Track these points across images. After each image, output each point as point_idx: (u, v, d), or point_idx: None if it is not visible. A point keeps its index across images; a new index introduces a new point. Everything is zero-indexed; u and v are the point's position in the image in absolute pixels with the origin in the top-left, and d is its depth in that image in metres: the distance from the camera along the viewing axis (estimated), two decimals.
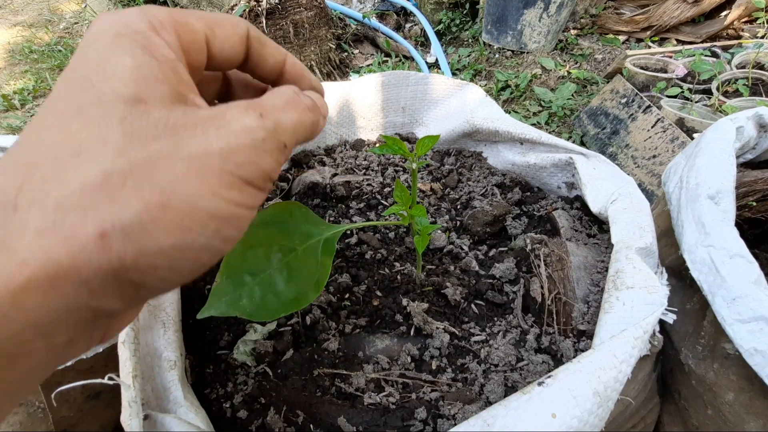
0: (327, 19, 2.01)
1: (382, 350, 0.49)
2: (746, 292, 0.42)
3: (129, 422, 0.34)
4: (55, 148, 0.18)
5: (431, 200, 0.72)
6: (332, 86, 0.82)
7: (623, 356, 0.36)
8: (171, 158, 0.19)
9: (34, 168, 0.18)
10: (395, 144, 0.42)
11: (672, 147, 1.21)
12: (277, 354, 0.50)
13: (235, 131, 0.20)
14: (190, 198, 0.19)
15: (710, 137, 0.57)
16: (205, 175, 0.19)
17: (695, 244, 0.48)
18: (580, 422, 0.33)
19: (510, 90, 1.87)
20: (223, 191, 0.20)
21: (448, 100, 0.85)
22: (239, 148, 0.20)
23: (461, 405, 0.41)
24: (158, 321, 0.46)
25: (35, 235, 0.16)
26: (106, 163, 0.18)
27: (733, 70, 1.44)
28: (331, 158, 0.80)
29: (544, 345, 0.47)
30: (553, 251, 0.52)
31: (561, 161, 0.67)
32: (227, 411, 0.44)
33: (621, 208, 0.53)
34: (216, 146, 0.20)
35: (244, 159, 0.20)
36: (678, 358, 0.53)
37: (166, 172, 0.18)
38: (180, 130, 0.19)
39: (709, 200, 0.49)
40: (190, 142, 0.19)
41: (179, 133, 0.19)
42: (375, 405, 0.43)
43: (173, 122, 0.19)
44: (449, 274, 0.57)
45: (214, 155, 0.19)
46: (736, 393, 0.45)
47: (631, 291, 0.42)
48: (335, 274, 0.58)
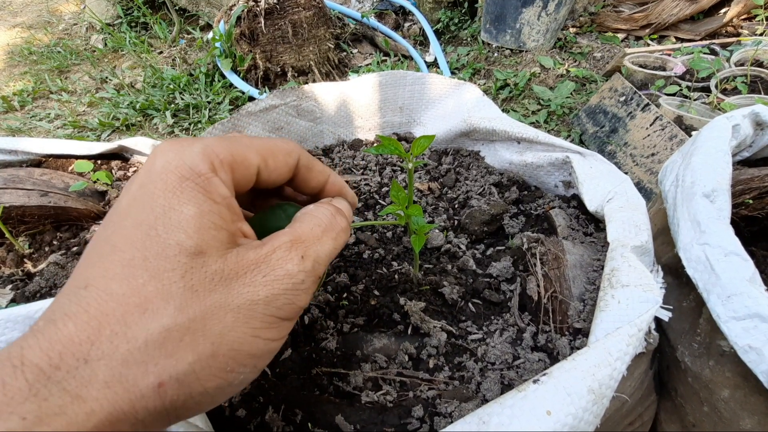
0: (325, 18, 2.01)
1: (379, 349, 0.49)
2: (741, 290, 0.42)
3: None
4: (124, 303, 0.20)
5: (429, 199, 0.72)
6: (330, 86, 0.82)
7: (618, 354, 0.37)
8: (223, 310, 0.21)
9: (105, 322, 0.19)
10: (391, 144, 0.42)
11: (670, 145, 1.22)
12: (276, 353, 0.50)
13: (279, 278, 0.23)
14: (235, 344, 0.22)
15: (706, 135, 0.57)
16: (250, 321, 0.22)
17: (691, 242, 0.48)
18: (575, 419, 0.33)
19: (509, 89, 1.87)
20: (263, 333, 0.23)
21: (445, 99, 0.85)
22: (280, 293, 0.23)
23: (458, 403, 0.41)
24: None
25: (103, 386, 0.19)
26: (167, 320, 0.20)
27: (732, 68, 1.44)
28: (329, 158, 0.80)
29: (540, 343, 0.47)
30: (550, 250, 0.53)
31: (558, 160, 0.67)
32: (226, 410, 0.44)
33: (617, 207, 0.53)
34: (262, 295, 0.22)
35: (284, 302, 0.23)
36: (674, 355, 0.53)
37: (217, 324, 0.21)
38: (232, 281, 0.22)
39: (704, 198, 0.50)
40: (240, 292, 0.22)
41: (231, 284, 0.22)
42: (373, 403, 0.43)
43: (227, 273, 0.22)
44: (446, 273, 0.57)
45: (259, 303, 0.22)
46: (732, 390, 0.46)
47: (626, 289, 0.42)
48: (333, 274, 0.58)
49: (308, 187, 0.33)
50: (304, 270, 0.24)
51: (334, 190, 0.34)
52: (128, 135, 1.77)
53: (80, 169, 0.78)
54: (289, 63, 1.92)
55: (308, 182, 0.32)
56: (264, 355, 0.23)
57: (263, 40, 1.84)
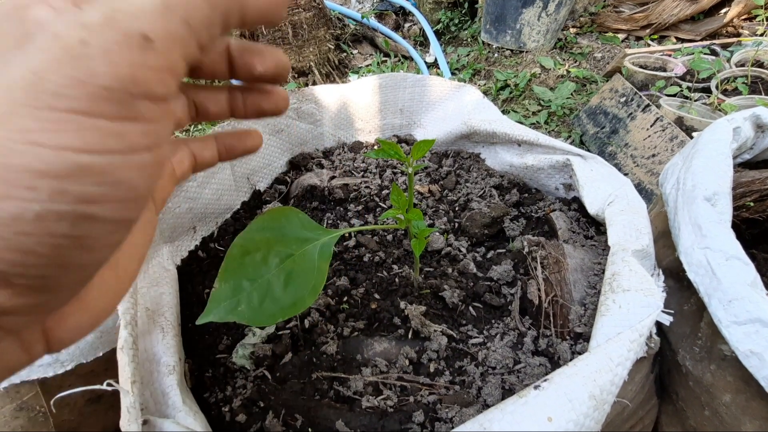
0: (326, 19, 2.01)
1: (380, 353, 0.49)
2: (742, 295, 0.42)
3: (128, 427, 0.34)
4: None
5: (429, 202, 0.72)
6: (330, 89, 0.82)
7: (619, 359, 0.37)
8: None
9: None
10: (391, 148, 0.42)
11: (671, 146, 1.21)
12: (276, 358, 0.50)
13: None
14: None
15: (707, 138, 0.57)
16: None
17: (692, 246, 0.48)
18: (576, 425, 0.33)
19: (509, 89, 1.87)
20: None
21: (445, 101, 0.85)
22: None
23: (458, 408, 0.41)
24: (157, 326, 0.46)
25: None
26: None
27: (733, 68, 1.43)
28: (329, 161, 0.80)
29: (541, 347, 0.47)
30: (550, 253, 0.53)
31: (558, 163, 0.67)
32: (226, 415, 0.44)
33: (618, 210, 0.53)
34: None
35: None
36: (675, 359, 0.53)
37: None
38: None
39: (705, 202, 0.50)
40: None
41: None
42: (373, 408, 0.43)
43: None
44: (447, 276, 0.57)
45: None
46: (733, 394, 0.46)
47: (627, 293, 0.42)
48: (333, 278, 0.58)
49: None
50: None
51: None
52: None
53: None
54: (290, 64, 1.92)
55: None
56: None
57: (263, 40, 1.84)
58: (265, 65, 0.26)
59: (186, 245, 0.63)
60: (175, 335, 0.46)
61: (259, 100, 0.29)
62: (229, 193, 0.70)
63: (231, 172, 0.70)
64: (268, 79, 0.27)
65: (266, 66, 0.26)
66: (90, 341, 0.53)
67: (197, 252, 0.64)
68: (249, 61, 0.26)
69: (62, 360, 0.52)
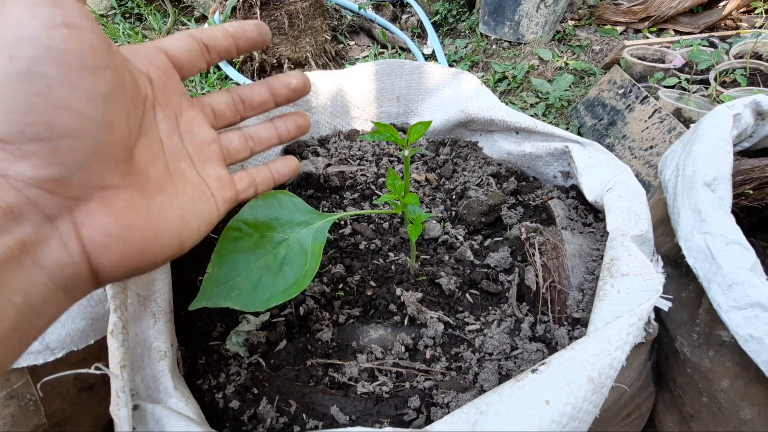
0: (322, 9, 1.98)
1: (375, 340, 0.49)
2: (742, 279, 0.41)
3: (118, 412, 0.33)
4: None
5: (426, 190, 0.71)
6: (326, 75, 0.81)
7: (618, 343, 0.36)
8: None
9: None
10: (387, 130, 0.41)
11: (669, 137, 1.21)
12: (270, 345, 0.49)
13: None
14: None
15: (707, 124, 0.56)
16: None
17: (691, 231, 0.47)
18: (574, 409, 0.33)
19: (507, 81, 1.86)
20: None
21: (442, 89, 0.84)
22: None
23: (455, 393, 0.41)
24: (148, 312, 0.45)
25: None
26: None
27: (731, 60, 1.43)
28: (325, 148, 0.79)
29: (538, 333, 0.47)
30: (548, 240, 0.52)
31: (557, 150, 0.67)
32: (219, 401, 0.44)
33: (617, 196, 0.52)
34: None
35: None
36: (673, 346, 0.53)
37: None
38: None
39: (705, 187, 0.49)
40: None
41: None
42: (368, 394, 0.43)
43: None
44: (444, 263, 0.56)
45: None
46: (731, 380, 0.45)
47: (626, 278, 0.41)
48: (329, 265, 0.57)
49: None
50: None
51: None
52: None
53: None
54: (286, 55, 1.90)
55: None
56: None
57: None
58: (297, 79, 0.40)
59: None
60: (167, 321, 0.45)
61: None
62: None
63: None
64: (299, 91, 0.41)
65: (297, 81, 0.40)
66: (81, 328, 0.53)
67: None
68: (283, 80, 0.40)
69: (53, 347, 0.52)
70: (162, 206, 0.30)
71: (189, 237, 0.32)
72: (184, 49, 0.34)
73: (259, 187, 0.41)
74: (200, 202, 0.34)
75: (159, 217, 0.29)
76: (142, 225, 0.28)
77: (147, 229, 0.28)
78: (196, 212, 0.33)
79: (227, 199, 0.37)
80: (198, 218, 0.33)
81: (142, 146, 0.30)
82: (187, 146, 0.35)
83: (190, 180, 0.34)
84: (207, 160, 0.36)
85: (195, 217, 0.33)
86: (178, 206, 0.31)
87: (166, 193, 0.31)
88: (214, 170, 0.36)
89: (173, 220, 0.30)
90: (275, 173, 0.43)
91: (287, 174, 0.44)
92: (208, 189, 0.35)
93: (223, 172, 0.37)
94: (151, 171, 0.30)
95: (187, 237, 0.32)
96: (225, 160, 0.39)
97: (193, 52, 0.35)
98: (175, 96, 0.34)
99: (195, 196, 0.33)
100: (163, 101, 0.33)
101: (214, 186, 0.36)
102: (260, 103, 0.40)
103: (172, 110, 0.34)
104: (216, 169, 0.37)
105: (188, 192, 0.33)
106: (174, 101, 0.34)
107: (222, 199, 0.36)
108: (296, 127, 0.44)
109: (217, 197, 0.36)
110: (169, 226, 0.30)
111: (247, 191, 0.40)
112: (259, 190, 0.42)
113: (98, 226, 0.25)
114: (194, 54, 0.35)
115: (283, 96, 0.40)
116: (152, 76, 0.32)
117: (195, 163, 0.35)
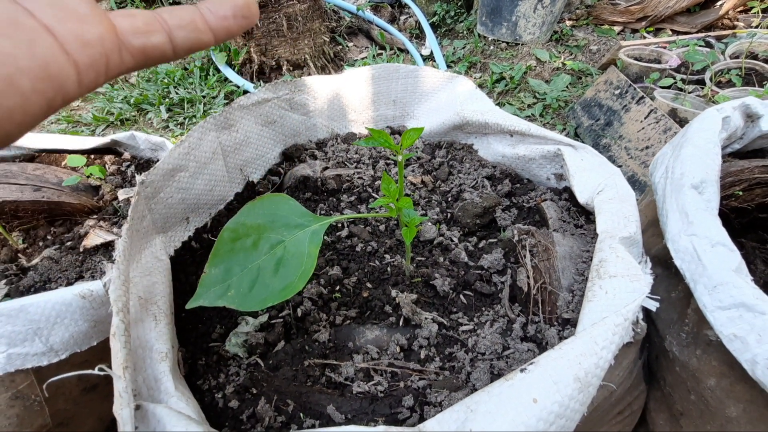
0: (321, 11, 1.99)
1: (371, 340, 0.50)
2: (727, 280, 0.42)
3: (120, 412, 0.35)
4: None
5: (422, 193, 0.72)
6: (323, 79, 0.82)
7: (604, 343, 0.37)
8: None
9: None
10: (381, 136, 0.43)
11: (665, 138, 1.22)
12: (269, 345, 0.51)
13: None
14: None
15: (696, 127, 0.57)
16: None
17: (679, 233, 0.48)
18: (561, 407, 0.34)
19: (504, 82, 1.87)
20: None
21: (438, 92, 0.85)
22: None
23: (448, 392, 0.42)
24: (149, 314, 0.46)
25: None
26: None
27: (727, 60, 1.44)
28: (323, 152, 0.80)
29: (529, 333, 0.48)
30: (540, 242, 0.53)
31: (550, 153, 0.68)
32: (219, 401, 0.45)
33: (607, 199, 0.53)
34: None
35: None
36: (663, 345, 0.54)
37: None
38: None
39: (693, 190, 0.50)
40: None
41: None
42: (364, 393, 0.44)
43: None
44: (438, 265, 0.58)
45: None
46: (718, 378, 0.46)
47: (613, 279, 0.42)
48: (326, 267, 0.58)
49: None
50: None
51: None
52: (122, 130, 1.76)
53: (73, 163, 0.78)
54: (284, 57, 1.91)
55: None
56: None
57: (258, 33, 1.83)
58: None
59: (179, 236, 0.64)
60: (168, 323, 0.47)
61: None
62: (222, 184, 0.70)
63: (224, 163, 0.70)
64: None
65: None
66: (84, 331, 0.54)
67: (190, 243, 0.65)
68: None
69: (56, 349, 0.53)
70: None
71: (15, 103, 0.20)
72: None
73: (176, 32, 0.26)
74: (33, 48, 0.21)
75: None
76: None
77: None
78: (23, 67, 0.20)
79: (89, 39, 0.23)
80: (29, 76, 0.20)
81: None
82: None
83: (23, 25, 0.21)
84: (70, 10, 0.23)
85: (22, 76, 0.20)
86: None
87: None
88: (76, 9, 0.23)
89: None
90: (206, 11, 0.27)
91: (228, 13, 0.28)
92: (35, 21, 0.21)
93: (87, 9, 0.23)
94: None
95: (12, 104, 0.20)
96: (112, 32, 0.24)
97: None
98: None
99: (22, 39, 0.21)
100: None
101: (51, 17, 0.22)
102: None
103: None
104: (80, 7, 0.23)
105: (12, 36, 0.20)
106: None
107: (75, 39, 0.22)
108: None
109: (61, 33, 0.22)
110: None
111: (145, 35, 0.25)
112: (177, 39, 0.26)
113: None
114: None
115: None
116: None
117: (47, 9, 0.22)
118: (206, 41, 0.27)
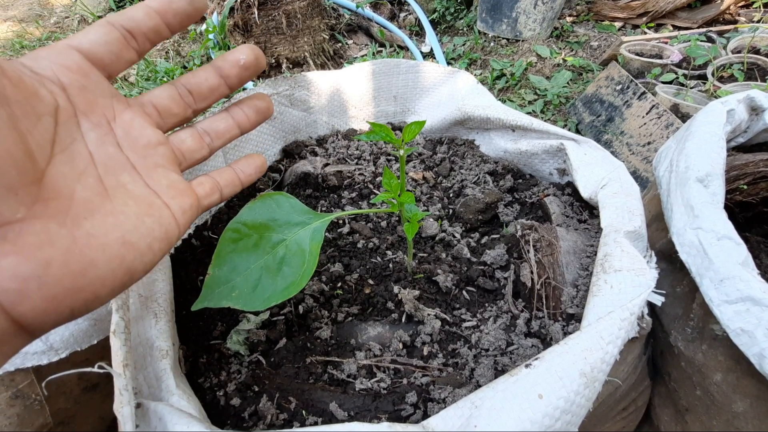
0: (320, 9, 1.99)
1: (374, 337, 0.49)
2: (733, 273, 0.42)
3: (121, 410, 0.34)
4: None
5: (424, 189, 0.72)
6: (323, 75, 0.81)
7: (610, 338, 0.37)
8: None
9: None
10: (382, 130, 0.42)
11: (667, 133, 1.21)
12: (270, 343, 0.50)
13: None
14: None
15: (701, 121, 0.57)
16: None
17: (684, 226, 0.48)
18: (567, 402, 0.33)
19: (505, 79, 1.86)
20: None
21: (439, 87, 0.84)
22: None
23: (451, 389, 0.42)
24: (150, 312, 0.46)
25: None
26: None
27: (729, 55, 1.43)
28: (323, 148, 0.80)
29: (533, 329, 0.48)
30: (543, 236, 0.53)
31: (552, 147, 0.67)
32: (221, 399, 0.44)
33: (611, 193, 0.53)
34: None
35: None
36: (668, 340, 0.53)
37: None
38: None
39: (698, 183, 0.50)
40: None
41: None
42: (366, 390, 0.43)
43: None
44: (441, 261, 0.57)
45: None
46: (724, 373, 0.46)
47: (618, 274, 0.42)
48: (327, 264, 0.58)
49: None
50: None
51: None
52: None
53: None
54: (284, 54, 1.91)
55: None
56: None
57: (257, 31, 1.82)
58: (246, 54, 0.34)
59: None
60: (169, 321, 0.46)
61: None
62: None
63: (223, 160, 0.69)
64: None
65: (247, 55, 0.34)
66: (84, 329, 0.53)
67: (191, 240, 0.64)
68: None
69: (56, 347, 0.52)
70: (93, 231, 0.25)
71: (138, 260, 0.27)
72: (101, 42, 0.29)
73: (225, 190, 0.37)
74: (148, 216, 0.29)
75: (90, 246, 0.25)
76: (65, 259, 0.24)
77: (73, 262, 0.24)
78: (143, 230, 0.28)
79: (186, 207, 0.32)
80: (147, 236, 0.28)
81: (60, 164, 0.25)
82: (127, 154, 0.30)
83: (133, 193, 0.29)
84: (155, 166, 0.32)
85: (142, 236, 0.28)
86: (115, 227, 0.27)
87: (99, 214, 0.26)
88: (166, 177, 0.32)
89: (111, 244, 0.26)
90: (240, 173, 0.39)
91: (253, 173, 0.40)
92: (159, 199, 0.30)
93: (176, 177, 0.33)
94: (77, 191, 0.26)
95: (136, 260, 0.27)
96: (179, 163, 0.34)
97: (114, 43, 0.30)
98: (102, 99, 0.30)
99: (140, 211, 0.29)
100: (86, 108, 0.29)
101: (166, 195, 0.31)
102: (210, 90, 0.34)
103: (100, 116, 0.29)
104: (168, 176, 0.32)
105: (130, 208, 0.28)
106: (101, 105, 0.30)
107: (179, 209, 0.31)
108: (255, 111, 0.38)
109: (173, 207, 0.31)
110: (107, 253, 0.25)
111: (210, 196, 0.36)
112: (225, 194, 0.38)
113: (5, 269, 0.22)
114: (116, 45, 0.30)
115: (235, 76, 0.34)
116: (64, 81, 0.27)
117: (140, 173, 0.30)
118: (239, 189, 0.40)
